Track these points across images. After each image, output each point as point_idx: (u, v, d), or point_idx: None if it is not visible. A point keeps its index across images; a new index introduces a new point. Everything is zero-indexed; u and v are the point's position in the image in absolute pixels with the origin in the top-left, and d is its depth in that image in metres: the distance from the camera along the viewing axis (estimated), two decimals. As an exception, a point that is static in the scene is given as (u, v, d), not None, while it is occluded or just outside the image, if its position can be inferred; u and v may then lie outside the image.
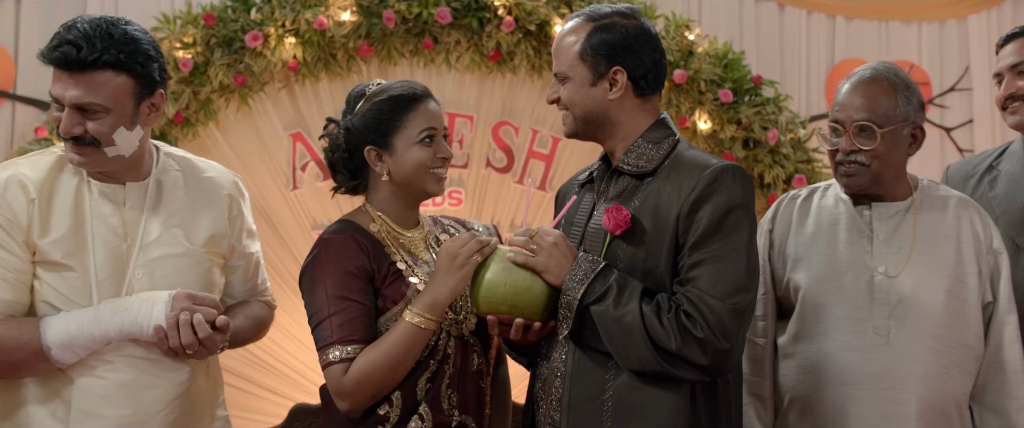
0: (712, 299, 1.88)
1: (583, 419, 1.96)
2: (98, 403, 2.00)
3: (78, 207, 2.05)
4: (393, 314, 2.04)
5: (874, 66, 2.33)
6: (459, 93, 4.70)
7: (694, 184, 1.95)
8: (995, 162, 2.89)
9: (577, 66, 2.09)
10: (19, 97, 4.77)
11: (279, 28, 4.40)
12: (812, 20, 5.23)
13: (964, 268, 2.25)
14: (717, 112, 4.53)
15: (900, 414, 2.18)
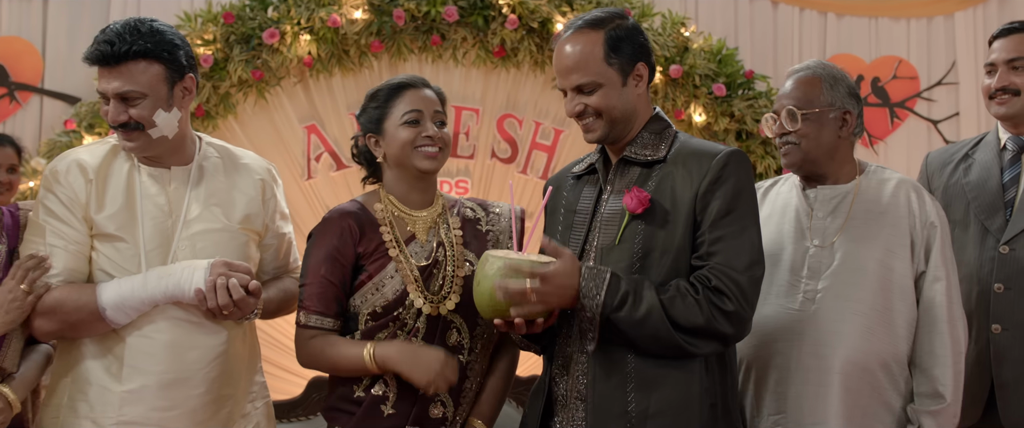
0: (735, 272, 2.03)
1: (609, 391, 2.08)
2: (146, 360, 2.20)
3: (129, 187, 2.25)
4: (366, 289, 2.24)
5: (807, 64, 2.55)
6: (465, 87, 4.79)
7: (707, 169, 2.08)
8: (971, 151, 3.02)
9: (607, 71, 2.15)
10: (47, 91, 4.92)
11: (295, 26, 4.51)
12: (804, 17, 5.31)
13: (895, 240, 2.42)
14: (711, 105, 4.64)
15: (825, 369, 2.35)
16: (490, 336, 2.34)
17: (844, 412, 2.35)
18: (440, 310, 2.27)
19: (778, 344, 2.41)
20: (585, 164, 2.30)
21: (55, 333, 2.24)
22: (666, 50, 4.57)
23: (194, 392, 2.23)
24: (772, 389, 2.42)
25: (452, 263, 2.30)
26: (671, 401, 2.06)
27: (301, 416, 3.26)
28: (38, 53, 4.95)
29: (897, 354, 2.40)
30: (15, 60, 4.94)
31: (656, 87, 4.61)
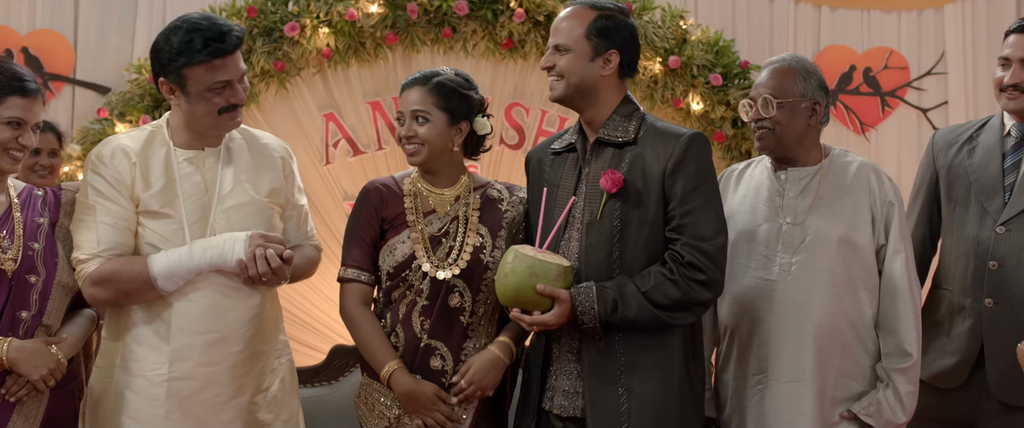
0: (704, 242, 2.30)
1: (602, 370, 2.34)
2: (191, 322, 2.41)
3: (168, 168, 2.46)
4: (384, 250, 2.53)
5: (782, 56, 2.76)
6: (475, 77, 4.43)
7: (673, 150, 2.35)
8: (976, 133, 3.12)
9: (581, 42, 2.41)
10: (78, 81, 5.00)
11: (314, 19, 4.58)
12: (799, 9, 5.34)
13: (857, 217, 2.62)
14: (708, 94, 4.70)
15: (800, 332, 2.57)
16: (496, 303, 2.54)
17: (818, 369, 2.56)
18: (444, 274, 2.48)
19: (757, 312, 2.62)
20: (564, 142, 2.51)
21: (109, 301, 2.44)
22: (665, 42, 4.65)
23: (234, 349, 2.44)
24: (754, 353, 2.63)
25: (462, 235, 2.52)
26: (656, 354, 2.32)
27: (323, 381, 3.48)
28: (70, 45, 5.03)
29: (863, 317, 2.62)
30: (48, 52, 5.01)
31: (656, 77, 4.67)
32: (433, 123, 2.51)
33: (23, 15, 5.02)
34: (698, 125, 4.72)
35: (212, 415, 2.42)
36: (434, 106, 2.53)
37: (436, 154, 2.54)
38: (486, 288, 2.52)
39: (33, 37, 5.02)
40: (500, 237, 2.56)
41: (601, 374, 2.34)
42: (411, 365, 2.50)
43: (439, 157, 2.56)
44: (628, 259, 2.36)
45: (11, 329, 2.36)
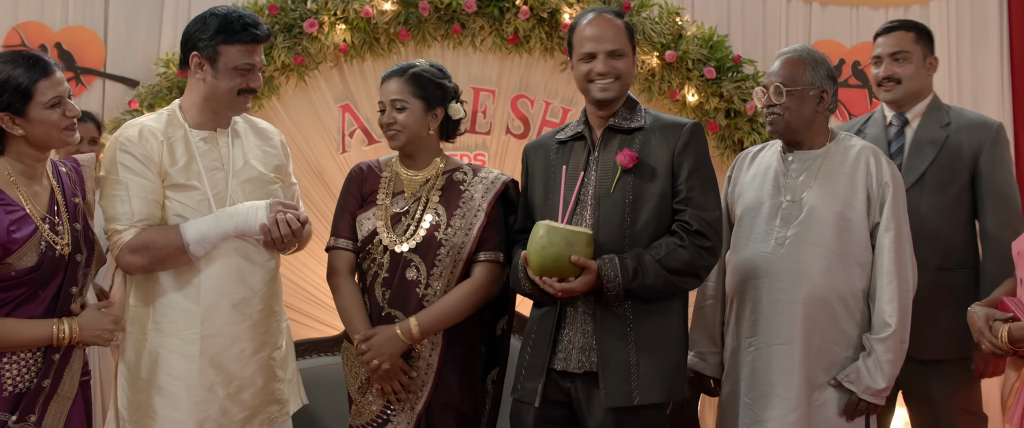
0: (707, 213, 2.59)
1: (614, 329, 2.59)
2: (219, 284, 2.65)
3: (188, 147, 2.69)
4: (357, 223, 2.78)
5: (794, 47, 2.95)
6: (483, 70, 4.96)
7: (679, 135, 2.64)
8: (863, 127, 3.41)
9: (627, 47, 2.71)
10: (108, 75, 5.14)
11: (331, 16, 4.70)
12: (791, 7, 5.47)
13: (854, 196, 2.80)
14: (703, 87, 4.82)
15: (791, 300, 2.76)
16: (450, 278, 2.73)
17: (806, 334, 2.75)
18: (399, 248, 2.71)
19: (754, 281, 2.81)
20: (570, 132, 2.75)
21: (144, 268, 2.64)
22: (662, 37, 4.77)
23: (256, 308, 2.69)
24: (748, 317, 2.83)
25: (420, 213, 2.74)
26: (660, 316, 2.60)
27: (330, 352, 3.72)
28: (101, 41, 5.17)
29: (853, 289, 2.78)
30: (80, 47, 5.16)
31: (653, 70, 4.80)
32: (410, 110, 2.75)
33: (56, 12, 5.18)
34: (693, 116, 4.85)
35: (239, 368, 2.67)
36: (411, 95, 2.76)
37: (413, 138, 2.78)
38: (440, 263, 2.72)
39: (66, 33, 5.18)
40: (456, 216, 2.75)
41: (614, 332, 2.59)
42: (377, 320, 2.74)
43: (416, 141, 2.79)
44: (638, 227, 2.62)
45: (65, 301, 2.55)
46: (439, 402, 2.74)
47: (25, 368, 2.49)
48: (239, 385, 2.68)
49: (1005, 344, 2.58)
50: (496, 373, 2.93)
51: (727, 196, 3.05)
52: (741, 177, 3.02)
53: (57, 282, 2.52)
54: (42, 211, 2.53)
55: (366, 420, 2.73)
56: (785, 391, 2.75)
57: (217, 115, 2.76)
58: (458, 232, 2.74)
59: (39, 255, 2.46)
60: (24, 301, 2.48)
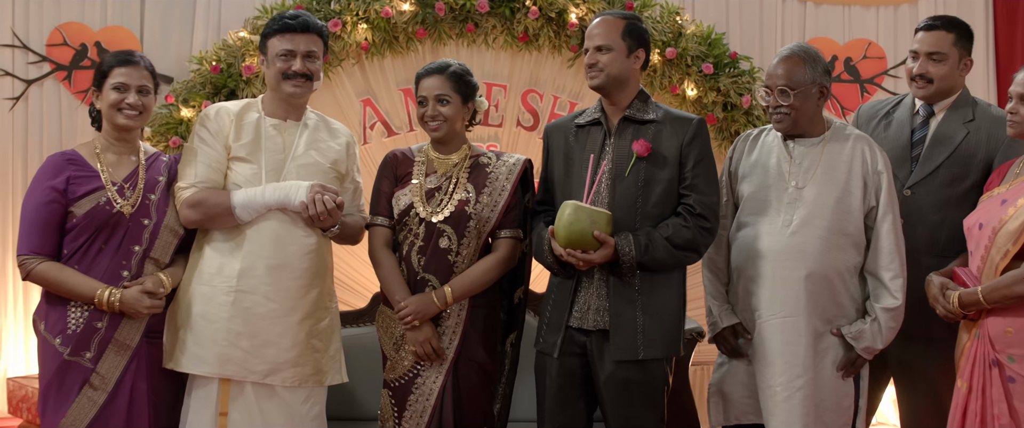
0: (710, 198, 2.92)
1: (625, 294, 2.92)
2: (259, 247, 2.96)
3: (256, 130, 3.03)
4: (395, 199, 3.05)
5: (791, 46, 3.10)
6: (495, 67, 5.17)
7: (687, 129, 2.94)
8: (892, 109, 3.51)
9: (619, 42, 2.97)
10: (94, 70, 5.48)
11: (354, 16, 4.93)
12: (786, 5, 5.71)
13: (851, 182, 3.01)
14: (701, 82, 5.04)
15: (794, 278, 2.98)
16: (476, 246, 3.04)
17: (809, 307, 2.97)
18: (434, 219, 3.01)
19: (762, 258, 3.04)
20: (588, 118, 3.04)
21: (198, 222, 3.00)
22: (663, 35, 4.98)
23: (289, 275, 2.97)
24: (755, 292, 3.05)
25: (452, 190, 3.04)
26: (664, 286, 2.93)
27: (367, 322, 4.01)
28: (137, 39, 5.46)
29: (848, 266, 3.01)
30: (118, 46, 5.31)
31: (655, 66, 5.00)
32: (452, 104, 3.04)
33: (95, 13, 5.48)
34: (693, 109, 5.07)
35: (267, 326, 2.96)
36: (452, 90, 3.05)
37: (452, 128, 3.07)
38: (468, 234, 3.03)
39: (104, 33, 5.46)
40: (484, 192, 3.05)
41: (624, 297, 2.92)
42: (412, 292, 3.03)
43: (452, 131, 3.09)
44: (648, 207, 2.93)
45: (124, 258, 2.93)
46: (465, 358, 3.03)
47: (84, 312, 2.88)
48: (264, 341, 2.96)
49: (956, 308, 2.85)
50: (514, 337, 3.23)
51: (730, 175, 3.25)
52: (743, 159, 3.22)
53: (119, 237, 2.93)
54: (116, 178, 2.97)
55: (399, 374, 3.04)
56: (792, 359, 2.98)
57: (282, 103, 3.08)
58: (486, 207, 3.04)
59: (93, 207, 2.89)
60: (94, 251, 2.90)
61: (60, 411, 2.85)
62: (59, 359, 2.86)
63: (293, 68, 3.00)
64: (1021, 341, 2.73)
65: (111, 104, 2.97)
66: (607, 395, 2.94)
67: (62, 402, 2.85)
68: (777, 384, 2.99)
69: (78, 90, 5.48)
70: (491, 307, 3.09)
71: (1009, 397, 2.72)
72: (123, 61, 3.00)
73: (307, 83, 3.05)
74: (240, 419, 2.98)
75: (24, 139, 5.47)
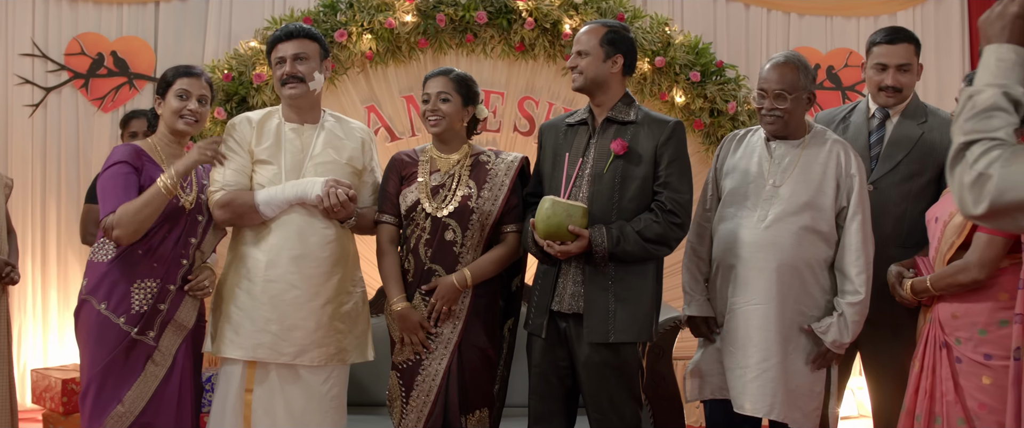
0: (681, 196, 3.08)
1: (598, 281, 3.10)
2: (283, 240, 3.17)
3: (278, 134, 3.25)
4: (402, 196, 3.24)
5: (785, 54, 3.25)
6: (493, 75, 5.34)
7: (663, 130, 3.11)
8: (847, 115, 3.67)
9: (596, 48, 3.15)
10: (158, 79, 5.58)
11: (359, 27, 5.10)
12: (771, 16, 5.93)
13: (825, 183, 3.19)
14: (689, 89, 5.23)
15: (767, 268, 3.17)
16: (479, 239, 3.25)
17: (780, 296, 3.15)
18: (440, 214, 3.22)
19: (738, 249, 3.22)
20: (577, 118, 3.25)
21: (228, 221, 3.23)
22: (653, 45, 5.17)
23: (312, 264, 3.18)
24: (731, 280, 3.24)
25: (455, 186, 3.24)
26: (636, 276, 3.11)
27: (375, 313, 4.20)
28: (151, 49, 5.68)
29: (818, 259, 3.18)
30: (133, 55, 5.67)
31: (645, 74, 5.20)
32: (452, 102, 3.25)
33: (112, 24, 5.71)
34: (681, 115, 5.26)
35: (293, 311, 3.17)
36: (453, 90, 3.26)
37: (451, 126, 3.28)
38: (471, 227, 3.23)
39: (121, 42, 5.69)
40: (485, 188, 3.25)
41: (597, 284, 3.11)
42: (419, 281, 3.24)
43: (451, 129, 3.29)
44: (624, 202, 3.11)
45: (184, 248, 3.19)
46: (468, 343, 3.23)
47: (149, 294, 3.12)
48: (291, 324, 3.17)
49: (908, 295, 3.08)
50: (511, 322, 3.43)
51: (717, 171, 3.43)
52: (729, 158, 3.40)
53: (180, 228, 3.19)
54: None
55: (406, 357, 3.24)
56: (763, 343, 3.16)
57: (293, 108, 3.31)
58: (487, 201, 3.24)
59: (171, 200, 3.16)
60: (158, 238, 3.15)
61: (126, 384, 3.09)
62: (125, 337, 3.08)
63: (287, 71, 3.22)
64: (966, 325, 2.92)
65: (174, 110, 3.20)
66: (585, 376, 3.14)
67: (128, 376, 3.09)
68: (748, 365, 3.18)
69: (95, 97, 5.70)
70: (492, 296, 3.30)
71: (955, 375, 2.92)
72: (186, 72, 3.23)
73: (301, 85, 3.23)
74: (264, 396, 3.20)
75: (43, 143, 5.70)
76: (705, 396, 3.36)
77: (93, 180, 4.47)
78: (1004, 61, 1.77)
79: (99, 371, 3.07)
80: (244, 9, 5.66)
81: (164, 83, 3.22)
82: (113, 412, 3.07)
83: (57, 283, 5.71)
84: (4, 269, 3.71)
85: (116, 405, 3.07)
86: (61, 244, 5.72)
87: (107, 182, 3.13)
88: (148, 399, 3.12)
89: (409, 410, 3.23)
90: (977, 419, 2.86)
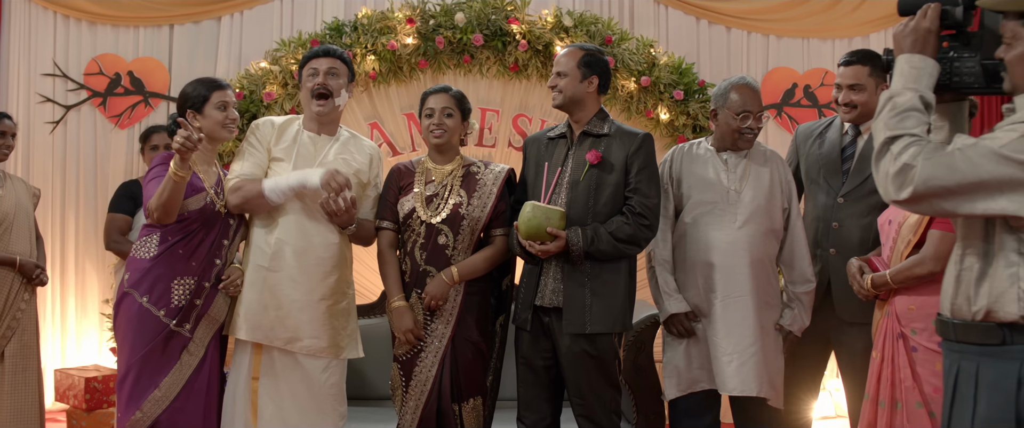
0: (650, 201, 3.37)
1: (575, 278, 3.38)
2: (288, 236, 3.46)
3: (295, 139, 3.54)
4: (399, 205, 3.52)
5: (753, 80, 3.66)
6: (489, 93, 5.52)
7: (633, 142, 3.42)
8: (824, 131, 3.94)
9: (574, 70, 3.46)
10: (172, 98, 5.80)
11: (363, 48, 5.29)
12: (751, 38, 6.16)
13: (773, 188, 3.56)
14: (673, 106, 5.43)
15: (741, 264, 3.51)
16: (469, 242, 3.53)
17: (754, 288, 3.51)
18: (433, 220, 3.50)
19: (714, 250, 3.56)
20: (557, 132, 3.56)
21: (239, 206, 3.50)
22: (639, 65, 5.37)
23: (312, 262, 3.46)
24: (712, 277, 3.56)
25: (448, 195, 3.52)
26: (610, 273, 3.39)
27: (377, 314, 4.52)
28: (165, 69, 5.92)
29: (772, 255, 3.58)
30: (149, 74, 5.90)
31: (631, 93, 5.40)
32: (454, 118, 3.56)
33: (128, 45, 5.95)
34: (665, 131, 5.49)
35: (289, 301, 3.45)
36: (455, 107, 3.57)
37: (451, 139, 3.58)
38: (462, 232, 3.52)
39: (137, 63, 5.92)
40: (474, 196, 3.53)
41: (575, 280, 3.40)
42: (415, 282, 3.52)
43: (450, 141, 3.58)
44: (598, 207, 3.41)
45: (218, 249, 3.48)
46: (461, 337, 3.53)
47: (187, 289, 3.41)
48: (286, 312, 3.46)
49: (869, 288, 3.39)
50: (503, 319, 3.72)
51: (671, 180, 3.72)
52: (682, 167, 3.71)
53: (215, 231, 3.48)
54: (210, 183, 3.51)
55: (406, 350, 3.54)
56: (745, 331, 3.51)
57: (314, 120, 3.59)
58: (476, 209, 3.53)
59: (204, 205, 3.45)
60: (197, 241, 3.44)
61: (163, 371, 3.37)
62: (165, 328, 3.36)
63: (317, 81, 3.51)
64: (922, 316, 3.21)
65: (219, 122, 3.49)
66: (566, 365, 3.43)
67: (165, 364, 3.38)
68: (733, 352, 3.51)
69: (112, 114, 5.94)
70: (482, 294, 3.59)
71: (912, 364, 3.21)
72: (223, 85, 3.52)
73: (328, 101, 3.53)
74: (269, 384, 3.49)
75: (63, 158, 5.94)
76: (683, 391, 3.64)
77: (115, 192, 4.82)
78: (916, 68, 2.09)
79: (139, 359, 3.35)
80: (254, 31, 5.88)
81: (200, 99, 3.47)
82: (150, 396, 3.34)
83: (75, 290, 5.94)
84: (34, 271, 4.02)
85: (153, 390, 3.35)
86: (79, 253, 5.94)
87: (149, 183, 3.43)
88: (182, 386, 3.39)
89: (408, 398, 3.52)
90: (932, 402, 3.14)
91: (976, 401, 2.02)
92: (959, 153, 1.96)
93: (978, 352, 2.05)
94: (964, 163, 1.95)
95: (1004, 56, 2.06)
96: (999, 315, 2.02)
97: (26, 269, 4.15)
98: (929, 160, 1.97)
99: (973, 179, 1.94)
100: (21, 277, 4.15)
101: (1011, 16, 2.03)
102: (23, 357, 4.16)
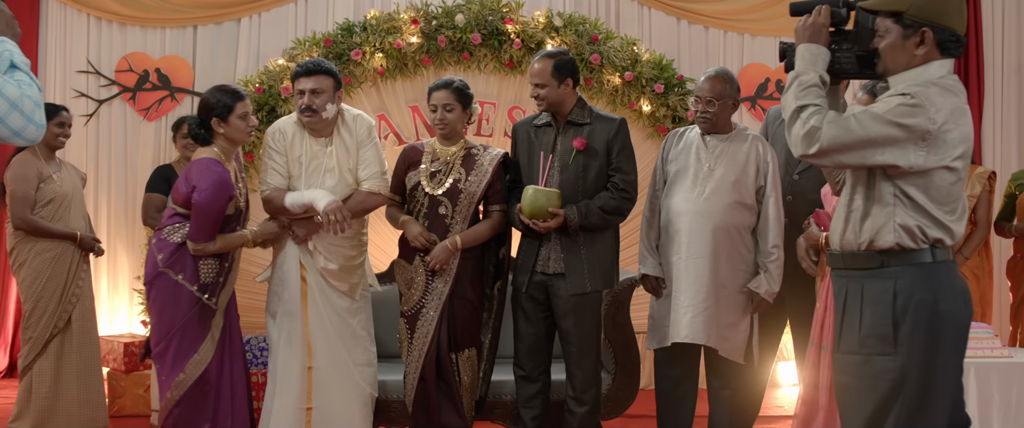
0: (629, 177, 3.87)
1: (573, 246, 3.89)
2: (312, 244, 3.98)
3: (303, 143, 3.99)
4: (407, 179, 3.99)
5: (715, 69, 4.03)
6: (486, 87, 5.87)
7: (612, 127, 3.91)
8: None
9: (550, 78, 3.91)
10: (196, 92, 6.23)
11: (372, 47, 5.68)
12: (727, 37, 6.54)
13: (748, 166, 3.95)
14: (654, 99, 5.84)
15: (706, 231, 3.91)
16: (466, 213, 3.98)
17: (713, 252, 3.89)
18: (435, 193, 3.97)
19: (681, 217, 3.97)
20: (542, 120, 4.03)
21: (271, 214, 3.99)
22: (623, 61, 5.77)
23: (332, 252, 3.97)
24: (677, 240, 3.98)
25: (449, 172, 3.99)
26: (601, 240, 3.91)
27: (387, 282, 4.94)
28: (190, 66, 6.32)
29: (744, 225, 3.93)
30: (175, 71, 6.31)
31: (616, 87, 5.80)
32: (455, 111, 4.01)
33: (156, 44, 6.37)
34: (647, 122, 5.90)
35: (324, 247, 3.97)
36: (455, 101, 4.00)
37: (454, 129, 4.05)
38: (460, 204, 3.97)
39: (163, 61, 6.34)
40: (472, 174, 3.99)
41: (573, 249, 3.92)
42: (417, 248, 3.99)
43: (454, 130, 4.06)
44: (587, 185, 3.89)
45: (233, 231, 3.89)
46: (458, 296, 4.03)
47: (212, 269, 3.86)
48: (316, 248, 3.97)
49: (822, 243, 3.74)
50: (500, 284, 4.21)
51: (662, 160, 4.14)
52: (672, 149, 4.13)
53: (236, 222, 3.92)
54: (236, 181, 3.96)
55: (410, 305, 4.04)
56: (700, 287, 3.91)
57: (309, 127, 3.99)
58: (472, 184, 4.00)
59: (235, 209, 3.85)
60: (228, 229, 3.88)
61: (200, 338, 3.80)
62: (197, 301, 3.78)
63: (302, 103, 3.90)
64: None
65: (242, 130, 3.79)
66: (564, 316, 3.96)
67: (202, 331, 3.80)
68: (689, 305, 3.94)
69: (141, 108, 6.36)
70: (477, 259, 4.08)
71: None
72: (243, 96, 3.83)
73: (315, 115, 3.87)
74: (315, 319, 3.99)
75: (95, 149, 6.40)
76: (660, 344, 4.07)
77: (151, 174, 5.24)
78: (814, 54, 2.61)
79: (179, 328, 3.76)
80: (271, 31, 6.28)
81: (226, 108, 3.76)
82: (191, 360, 3.78)
83: (107, 271, 6.39)
84: (94, 244, 4.56)
85: (193, 354, 3.79)
86: (111, 236, 6.37)
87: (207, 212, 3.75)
88: (215, 348, 3.85)
89: (412, 348, 4.03)
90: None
91: (862, 313, 2.54)
92: (853, 119, 2.49)
93: (863, 275, 2.57)
94: (857, 126, 2.47)
95: (879, 46, 2.60)
96: (879, 244, 2.54)
97: (86, 243, 4.69)
98: (832, 124, 2.50)
99: (864, 137, 2.46)
100: (80, 250, 4.67)
101: (883, 14, 2.57)
102: (86, 320, 4.70)
